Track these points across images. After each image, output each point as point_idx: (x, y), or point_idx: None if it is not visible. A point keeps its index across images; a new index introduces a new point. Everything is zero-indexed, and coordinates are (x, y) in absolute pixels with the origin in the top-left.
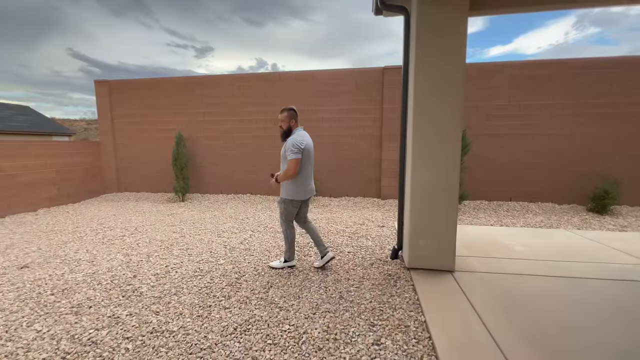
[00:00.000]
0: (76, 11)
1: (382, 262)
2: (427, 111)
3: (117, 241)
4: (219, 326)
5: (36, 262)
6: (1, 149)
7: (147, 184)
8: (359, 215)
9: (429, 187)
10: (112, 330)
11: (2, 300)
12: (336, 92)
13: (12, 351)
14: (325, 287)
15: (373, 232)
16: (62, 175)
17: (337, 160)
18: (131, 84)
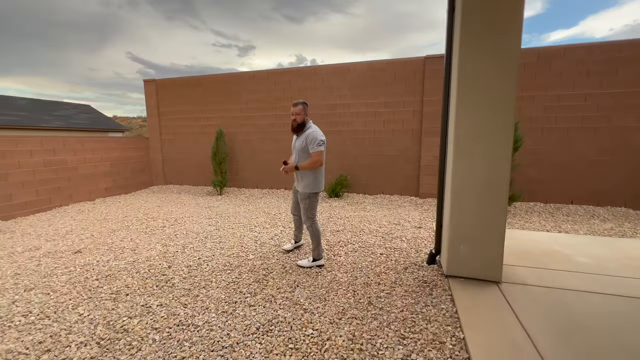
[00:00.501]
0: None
1: (417, 267)
2: (471, 101)
3: (158, 231)
4: (242, 324)
5: (88, 247)
6: (65, 144)
7: (189, 178)
8: (394, 214)
9: (472, 186)
10: (143, 320)
11: (55, 282)
12: (373, 84)
13: (57, 332)
14: (354, 291)
15: (409, 233)
16: (115, 168)
17: (372, 156)
18: (175, 82)
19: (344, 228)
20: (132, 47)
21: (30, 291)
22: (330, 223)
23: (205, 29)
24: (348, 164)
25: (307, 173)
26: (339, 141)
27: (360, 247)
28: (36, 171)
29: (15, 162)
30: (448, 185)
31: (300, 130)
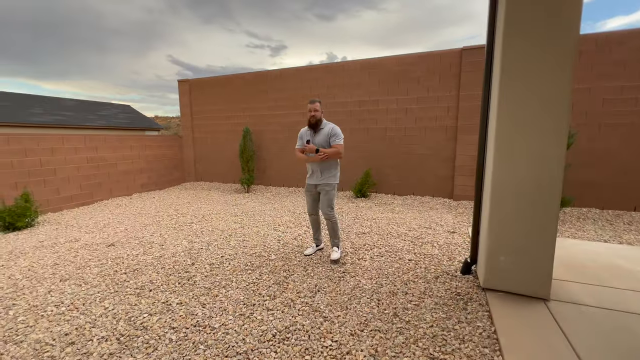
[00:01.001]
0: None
1: (450, 277)
2: (517, 95)
3: (186, 227)
4: (258, 330)
5: (121, 241)
6: (106, 142)
7: (219, 175)
8: (425, 217)
9: (516, 189)
10: (162, 318)
11: (88, 274)
12: (404, 79)
13: (82, 325)
14: (378, 300)
15: (441, 238)
16: (151, 165)
17: (403, 155)
18: (207, 82)
19: (370, 230)
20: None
21: (65, 282)
22: (355, 224)
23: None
24: (376, 163)
25: (332, 165)
26: (366, 139)
27: (387, 251)
28: (80, 167)
29: (63, 159)
30: (487, 187)
31: (318, 126)
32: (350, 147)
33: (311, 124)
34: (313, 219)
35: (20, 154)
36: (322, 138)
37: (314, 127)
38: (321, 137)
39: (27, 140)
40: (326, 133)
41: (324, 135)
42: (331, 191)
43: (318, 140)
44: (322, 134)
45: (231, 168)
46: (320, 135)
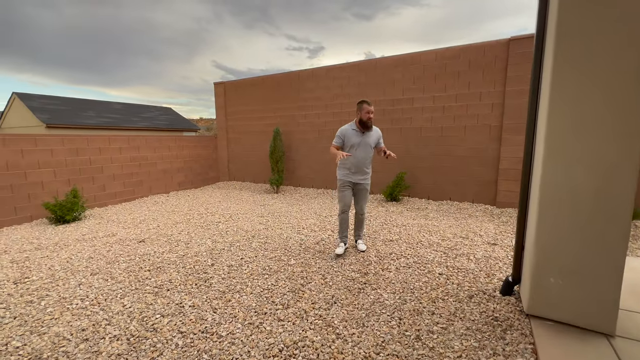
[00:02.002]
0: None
1: (487, 297)
2: (574, 89)
3: (212, 227)
4: (265, 342)
5: (151, 238)
6: (147, 143)
7: (251, 175)
8: (462, 225)
9: (572, 198)
10: (173, 320)
11: (116, 269)
12: (442, 75)
13: (99, 321)
14: (400, 318)
15: (479, 250)
16: (187, 165)
17: (439, 157)
18: (241, 83)
19: (398, 238)
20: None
21: (95, 275)
22: (383, 230)
23: (279, 35)
24: (410, 165)
25: (371, 166)
26: (400, 140)
27: (415, 262)
28: (124, 166)
29: (109, 158)
30: (535, 195)
31: (371, 128)
32: None
33: (367, 125)
34: (345, 217)
35: (72, 153)
36: (372, 139)
37: (368, 128)
38: (371, 139)
39: (79, 140)
40: (375, 135)
41: (373, 137)
42: (368, 190)
43: (369, 141)
44: (371, 135)
45: (262, 168)
46: (370, 137)
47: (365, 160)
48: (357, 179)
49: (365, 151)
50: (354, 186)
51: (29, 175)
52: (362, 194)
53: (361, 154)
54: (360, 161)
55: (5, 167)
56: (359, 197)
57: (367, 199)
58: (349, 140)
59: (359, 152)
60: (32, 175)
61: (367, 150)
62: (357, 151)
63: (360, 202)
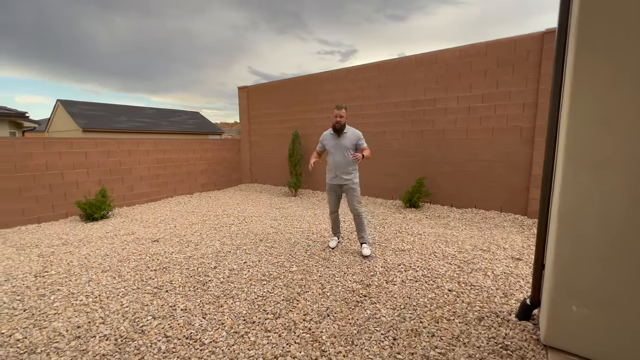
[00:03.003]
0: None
1: (500, 321)
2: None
3: (225, 229)
4: (246, 354)
5: (165, 237)
6: (173, 145)
7: (271, 177)
8: (485, 236)
9: (600, 211)
10: (162, 324)
11: (125, 268)
12: (467, 73)
13: (95, 319)
14: (394, 338)
15: (499, 265)
16: (211, 167)
17: (463, 161)
18: (263, 87)
19: (411, 247)
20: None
21: (105, 273)
22: (396, 239)
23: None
24: (431, 169)
25: (355, 166)
26: (420, 142)
27: (424, 275)
28: (150, 167)
29: (137, 160)
30: (555, 206)
31: (342, 131)
32: (402, 151)
33: (336, 128)
34: (335, 216)
35: (104, 155)
36: (347, 141)
37: (339, 132)
38: (347, 141)
39: (110, 143)
40: (351, 137)
41: (349, 139)
42: (357, 189)
43: (344, 143)
44: (347, 137)
45: (282, 171)
46: (345, 139)
47: (343, 161)
48: (340, 181)
49: (342, 153)
50: (341, 188)
51: (65, 175)
52: (349, 193)
53: (338, 156)
54: (338, 162)
55: (45, 167)
56: (348, 198)
57: (357, 198)
58: (327, 144)
59: (336, 154)
60: (68, 175)
61: (343, 152)
62: (334, 154)
63: (352, 202)
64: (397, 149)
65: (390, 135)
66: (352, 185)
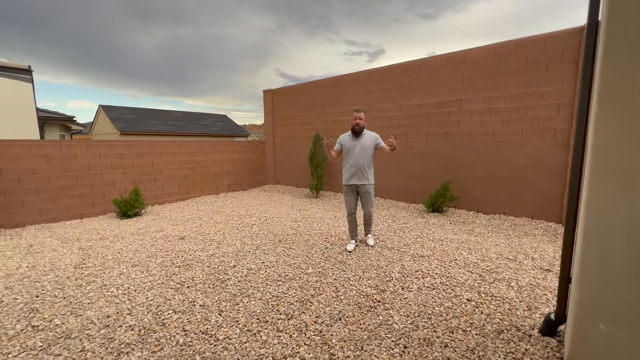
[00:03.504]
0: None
1: (521, 335)
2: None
3: (246, 229)
4: (256, 352)
5: (190, 235)
6: (200, 148)
7: (294, 179)
8: (512, 244)
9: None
10: (181, 318)
11: (152, 263)
12: (496, 73)
13: (123, 310)
14: (405, 346)
15: (526, 276)
16: (236, 168)
17: (491, 164)
18: (286, 90)
19: (431, 254)
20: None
21: (135, 267)
22: (415, 245)
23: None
24: (457, 173)
25: (372, 167)
26: (445, 145)
27: (442, 283)
28: (179, 168)
29: (167, 161)
30: (581, 216)
31: (361, 133)
32: (426, 153)
33: (355, 130)
34: (353, 218)
35: (138, 156)
36: (367, 142)
37: (357, 134)
38: (366, 141)
39: (143, 145)
40: (370, 138)
41: (368, 139)
42: (373, 193)
43: (364, 144)
44: (366, 138)
45: (305, 173)
46: (365, 140)
47: (363, 160)
48: (358, 181)
49: (362, 152)
50: (357, 189)
51: (104, 175)
52: (365, 197)
53: (358, 155)
54: (358, 161)
55: (87, 167)
56: (364, 201)
57: (371, 202)
58: (346, 145)
59: (356, 154)
60: (107, 175)
61: (363, 151)
62: (354, 154)
63: (366, 206)
64: (420, 152)
65: (413, 137)
66: (369, 189)
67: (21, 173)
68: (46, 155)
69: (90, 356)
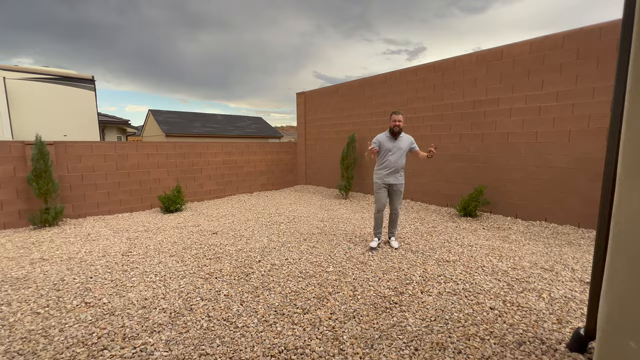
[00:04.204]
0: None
1: (545, 349)
2: None
3: (274, 227)
4: (270, 341)
5: (223, 231)
6: (236, 149)
7: (324, 180)
8: (551, 253)
9: None
10: (207, 305)
11: (187, 255)
12: (538, 69)
13: (158, 295)
14: (416, 349)
15: (561, 288)
16: (269, 168)
17: (532, 168)
18: (319, 92)
19: (457, 259)
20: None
21: (172, 257)
22: (442, 249)
23: (378, 40)
24: (493, 176)
25: (404, 171)
26: (481, 147)
27: (464, 289)
28: (217, 168)
29: (206, 161)
30: (612, 223)
31: (399, 135)
32: (459, 155)
33: (394, 132)
34: (381, 215)
35: (180, 156)
36: (404, 144)
37: (395, 135)
38: (403, 143)
39: (185, 146)
40: (407, 140)
41: (405, 142)
42: (403, 191)
43: (402, 146)
44: (403, 141)
45: (335, 174)
46: (402, 142)
47: (399, 161)
48: (392, 180)
49: (398, 154)
50: (390, 187)
51: (151, 173)
52: (396, 195)
53: (395, 156)
54: (395, 162)
55: (137, 166)
56: (393, 199)
57: (400, 201)
58: (384, 146)
59: (394, 155)
60: (154, 173)
61: (400, 153)
62: (391, 154)
63: (395, 203)
64: (453, 154)
65: (446, 138)
66: (400, 189)
67: (83, 170)
68: (104, 155)
69: (129, 332)
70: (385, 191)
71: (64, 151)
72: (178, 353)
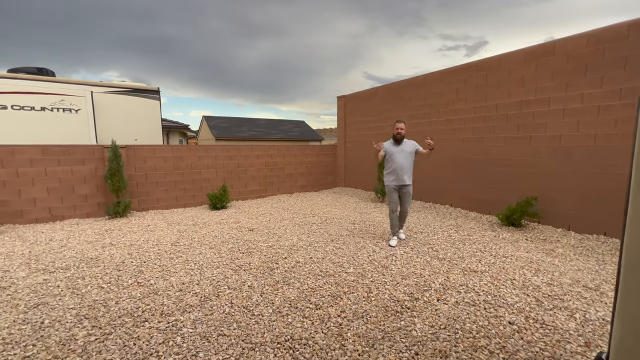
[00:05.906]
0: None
1: None
2: None
3: (306, 227)
4: (279, 330)
5: (258, 228)
6: (278, 151)
7: (362, 183)
8: (602, 271)
9: None
10: (232, 293)
11: (224, 248)
12: (597, 65)
13: (193, 280)
14: (416, 353)
15: (600, 309)
16: (309, 170)
17: (588, 175)
18: (358, 95)
19: (485, 270)
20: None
21: (211, 249)
22: (471, 259)
23: (433, 36)
24: (541, 183)
25: (412, 173)
26: (527, 152)
27: (485, 301)
28: (260, 169)
29: (249, 162)
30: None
31: (401, 141)
32: (503, 160)
33: (397, 139)
34: (396, 215)
35: (227, 158)
36: (409, 148)
37: (399, 142)
38: (408, 148)
39: (232, 149)
40: (410, 145)
41: (409, 146)
42: (411, 193)
43: (407, 150)
44: (407, 146)
45: (372, 177)
46: (406, 146)
47: (405, 164)
48: (400, 183)
49: (404, 157)
50: (399, 189)
51: (202, 173)
52: (405, 197)
53: (401, 159)
54: (400, 165)
55: (190, 167)
56: (403, 200)
57: (410, 202)
58: (389, 151)
59: (400, 159)
60: (204, 174)
61: (405, 156)
62: (398, 159)
63: (405, 204)
64: (496, 158)
65: (489, 141)
66: (409, 190)
67: (148, 170)
68: (163, 157)
69: (166, 309)
70: (395, 193)
71: (133, 153)
72: (201, 331)
